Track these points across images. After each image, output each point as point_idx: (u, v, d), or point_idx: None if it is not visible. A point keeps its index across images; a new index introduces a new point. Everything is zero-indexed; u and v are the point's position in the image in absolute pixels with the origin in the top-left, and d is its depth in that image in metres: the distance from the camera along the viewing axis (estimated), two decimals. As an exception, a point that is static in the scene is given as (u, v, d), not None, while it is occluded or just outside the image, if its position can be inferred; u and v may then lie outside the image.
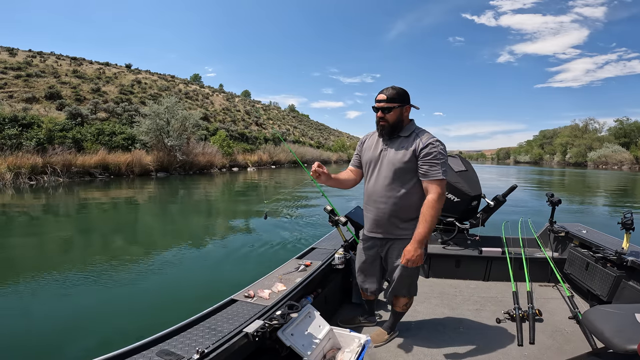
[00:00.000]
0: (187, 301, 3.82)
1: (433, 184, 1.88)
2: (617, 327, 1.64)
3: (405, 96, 1.97)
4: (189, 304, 3.66)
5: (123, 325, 3.30)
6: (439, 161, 1.88)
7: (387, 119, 1.97)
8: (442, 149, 1.91)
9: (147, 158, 22.06)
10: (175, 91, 40.85)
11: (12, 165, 15.60)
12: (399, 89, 1.97)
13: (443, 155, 1.91)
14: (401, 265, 2.04)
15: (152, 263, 5.20)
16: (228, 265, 5.07)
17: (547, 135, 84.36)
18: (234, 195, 14.58)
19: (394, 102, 1.94)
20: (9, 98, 22.86)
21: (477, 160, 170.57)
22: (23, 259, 5.58)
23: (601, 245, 2.83)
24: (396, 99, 1.94)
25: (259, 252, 5.67)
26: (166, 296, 4.01)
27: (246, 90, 74.43)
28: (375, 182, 2.04)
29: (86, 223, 8.69)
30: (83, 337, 3.09)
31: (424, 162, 1.90)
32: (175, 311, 3.49)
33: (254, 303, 1.85)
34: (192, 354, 1.34)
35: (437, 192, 1.88)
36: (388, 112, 1.95)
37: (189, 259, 5.52)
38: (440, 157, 1.89)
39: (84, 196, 13.13)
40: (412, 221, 2.00)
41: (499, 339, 2.37)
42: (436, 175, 1.88)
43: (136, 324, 3.30)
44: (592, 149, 58.76)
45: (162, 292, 4.14)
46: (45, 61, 33.40)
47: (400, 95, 1.95)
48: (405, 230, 2.01)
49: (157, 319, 3.35)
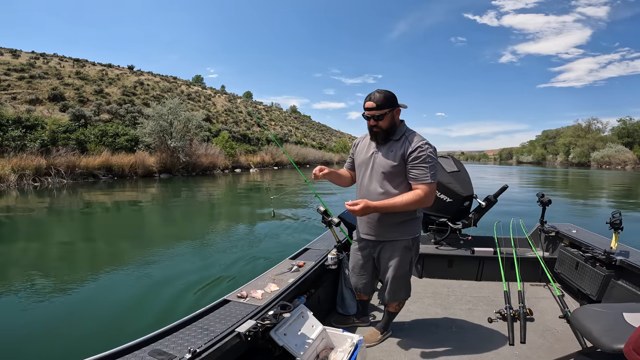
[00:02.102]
0: (180, 301, 3.84)
1: (421, 185, 1.89)
2: (605, 326, 1.65)
3: (393, 99, 1.94)
4: (181, 305, 3.68)
5: (115, 325, 3.31)
6: (427, 165, 1.87)
7: (380, 126, 1.95)
8: (431, 152, 1.89)
9: (150, 159, 22.16)
10: (177, 92, 41.01)
11: (16, 166, 15.68)
12: (385, 92, 1.93)
13: (432, 158, 1.89)
14: (392, 267, 2.08)
15: (147, 264, 5.24)
16: (221, 266, 5.10)
17: (549, 135, 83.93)
18: (234, 197, 14.63)
19: (384, 108, 1.91)
20: (12, 100, 22.99)
21: (479, 161, 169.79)
22: (23, 260, 5.65)
23: (590, 245, 2.85)
24: (385, 104, 1.91)
25: (252, 252, 5.69)
26: (158, 297, 4.02)
27: (248, 92, 74.73)
28: (367, 185, 2.06)
29: (88, 225, 8.77)
30: (75, 336, 3.09)
31: (413, 165, 1.90)
32: (168, 311, 3.51)
33: (247, 303, 1.86)
34: (184, 353, 1.34)
35: (425, 193, 1.87)
36: (380, 119, 1.93)
37: (184, 260, 5.55)
38: (429, 160, 1.88)
39: (87, 198, 13.22)
40: (403, 223, 2.03)
41: (490, 338, 2.39)
42: (424, 179, 1.87)
43: (128, 324, 3.32)
44: (595, 149, 58.47)
45: (154, 292, 4.15)
46: (48, 63, 33.56)
47: (388, 100, 1.92)
48: (396, 233, 2.04)
49: (149, 319, 3.37)
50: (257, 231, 7.10)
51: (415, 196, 1.87)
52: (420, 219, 2.12)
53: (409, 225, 2.05)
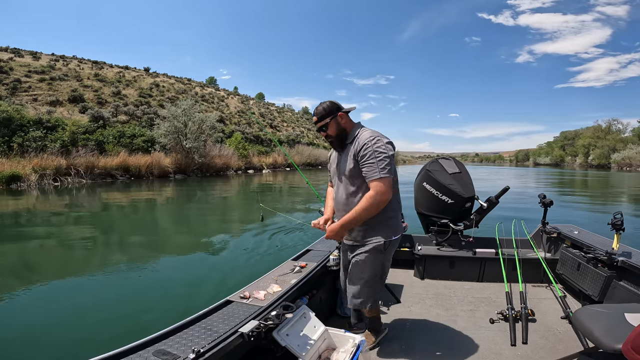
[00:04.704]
0: (183, 301, 3.89)
1: (373, 182, 1.86)
2: (607, 326, 1.66)
3: (332, 107, 2.01)
4: (184, 305, 3.73)
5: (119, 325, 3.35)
6: (374, 160, 1.85)
7: (329, 134, 2.03)
8: (377, 146, 1.87)
9: (166, 160, 22.60)
10: (191, 94, 41.66)
11: (37, 166, 16.22)
12: (325, 103, 2.03)
13: (379, 152, 1.86)
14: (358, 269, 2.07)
15: (152, 265, 5.35)
16: (224, 267, 5.16)
17: (568, 136, 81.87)
18: (245, 198, 14.75)
19: (324, 118, 2.00)
20: (33, 101, 23.76)
21: (494, 163, 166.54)
22: (40, 259, 5.85)
23: (592, 246, 2.84)
24: (325, 115, 2.00)
25: (255, 254, 5.74)
26: (162, 296, 4.08)
27: (260, 93, 75.50)
28: (338, 193, 2.11)
29: (104, 224, 9.02)
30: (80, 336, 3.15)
31: (362, 164, 1.90)
32: (171, 312, 3.54)
33: (250, 304, 1.88)
34: (188, 353, 1.35)
35: (376, 190, 1.85)
36: (326, 128, 2.02)
37: (188, 260, 5.64)
38: (376, 155, 1.85)
39: (105, 198, 13.57)
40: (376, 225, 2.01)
41: (492, 339, 2.40)
42: (373, 175, 1.85)
43: (132, 324, 3.37)
44: (616, 151, 56.79)
45: (158, 292, 4.22)
46: (67, 65, 34.49)
47: (327, 109, 2.01)
48: (368, 235, 2.03)
49: (152, 319, 3.42)
50: (260, 232, 7.16)
51: (368, 198, 1.86)
52: (395, 219, 2.06)
53: (382, 227, 2.02)
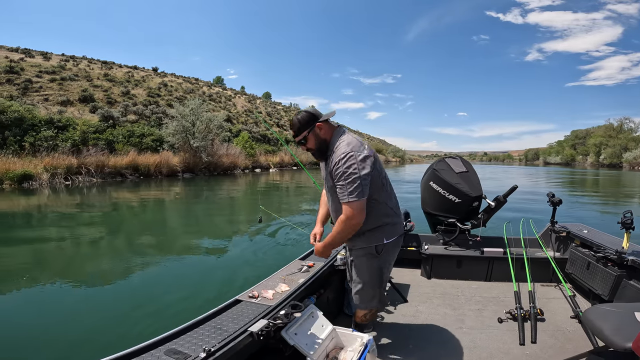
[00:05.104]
0: (192, 301, 3.92)
1: (343, 206, 1.80)
2: (617, 325, 1.65)
3: (309, 118, 1.91)
4: (193, 304, 3.77)
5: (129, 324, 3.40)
6: (344, 182, 1.76)
7: (309, 147, 1.95)
8: (348, 166, 1.75)
9: (174, 159, 22.81)
10: (199, 93, 41.94)
11: (48, 165, 16.48)
12: (300, 114, 1.93)
13: (349, 173, 1.75)
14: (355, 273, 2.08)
15: (161, 264, 5.42)
16: (232, 266, 5.19)
17: (579, 135, 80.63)
18: (252, 198, 14.82)
19: (301, 131, 1.91)
20: (44, 101, 24.12)
21: (503, 162, 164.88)
22: (52, 258, 5.94)
23: (602, 245, 2.80)
24: (301, 128, 1.90)
25: (263, 253, 5.77)
26: (171, 295, 4.12)
27: (267, 92, 75.77)
28: (329, 203, 2.10)
29: (114, 223, 9.15)
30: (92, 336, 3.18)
31: (335, 184, 1.84)
32: (181, 311, 3.58)
33: (258, 303, 1.90)
34: (198, 352, 1.36)
35: (346, 214, 1.78)
36: (305, 141, 1.93)
37: (197, 259, 5.69)
38: (345, 177, 1.75)
39: (115, 196, 13.76)
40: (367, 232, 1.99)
41: (500, 338, 2.38)
42: (342, 198, 1.78)
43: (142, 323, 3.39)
44: (628, 150, 55.92)
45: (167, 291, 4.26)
46: (77, 65, 34.88)
47: (302, 122, 1.90)
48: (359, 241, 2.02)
49: (162, 319, 3.46)
50: (267, 232, 7.20)
51: (340, 223, 1.83)
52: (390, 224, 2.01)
53: (373, 233, 2.00)
